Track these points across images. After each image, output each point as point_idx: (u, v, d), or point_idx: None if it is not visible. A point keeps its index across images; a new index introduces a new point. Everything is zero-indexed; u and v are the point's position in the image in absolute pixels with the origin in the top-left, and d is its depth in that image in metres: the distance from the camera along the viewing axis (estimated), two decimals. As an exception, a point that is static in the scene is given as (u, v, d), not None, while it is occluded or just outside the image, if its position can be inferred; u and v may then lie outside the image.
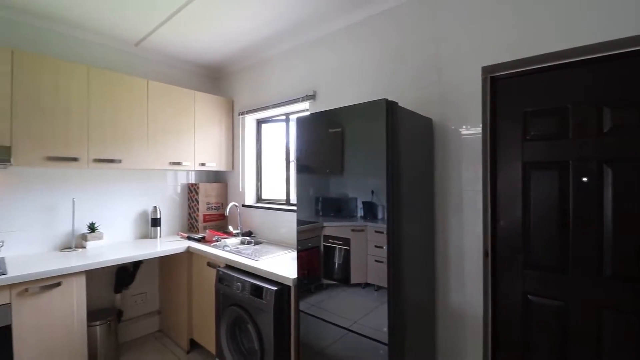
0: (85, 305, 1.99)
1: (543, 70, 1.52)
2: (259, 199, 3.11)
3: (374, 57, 2.06)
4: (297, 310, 1.72)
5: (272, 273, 1.83)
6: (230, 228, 2.89)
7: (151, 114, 2.53)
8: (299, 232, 1.72)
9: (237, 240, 2.68)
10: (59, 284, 1.88)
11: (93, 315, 2.34)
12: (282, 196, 2.84)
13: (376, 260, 1.44)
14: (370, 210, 1.45)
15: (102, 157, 2.27)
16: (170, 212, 3.00)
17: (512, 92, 1.61)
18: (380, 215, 1.41)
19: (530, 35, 1.47)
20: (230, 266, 2.12)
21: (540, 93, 1.53)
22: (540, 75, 1.54)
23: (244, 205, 3.00)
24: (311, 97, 2.39)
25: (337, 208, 1.56)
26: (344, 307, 1.54)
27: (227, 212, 2.77)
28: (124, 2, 2.04)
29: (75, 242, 2.40)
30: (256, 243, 2.65)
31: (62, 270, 1.88)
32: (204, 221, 3.02)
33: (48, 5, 2.07)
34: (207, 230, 2.80)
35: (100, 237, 2.47)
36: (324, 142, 1.62)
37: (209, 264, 2.31)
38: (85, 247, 2.38)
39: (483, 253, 1.63)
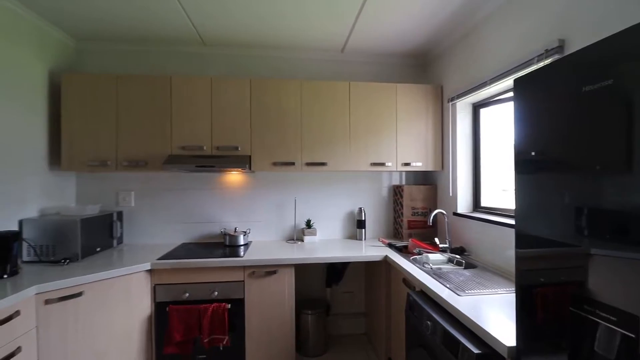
0: (294, 293, 2.19)
1: None
2: (476, 206, 2.41)
3: None
4: (517, 401, 1.04)
5: (475, 324, 1.23)
6: (437, 240, 2.40)
7: (352, 115, 2.51)
8: (519, 263, 1.04)
9: (443, 257, 2.15)
10: (275, 272, 2.16)
11: (307, 303, 2.59)
12: (512, 205, 2.03)
13: None
14: None
15: (311, 161, 2.46)
16: (375, 215, 2.90)
17: None
18: None
19: None
20: (425, 293, 1.68)
21: None
22: None
23: (454, 214, 2.41)
24: (555, 50, 1.50)
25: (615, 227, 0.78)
26: None
27: (430, 221, 2.31)
28: (311, 12, 2.10)
29: (296, 235, 2.75)
30: (467, 266, 2.01)
31: (277, 261, 2.15)
32: (408, 227, 2.69)
33: (273, 36, 2.45)
34: (410, 239, 2.45)
35: (314, 233, 2.71)
36: (586, 111, 0.86)
37: (404, 282, 1.96)
38: (303, 241, 2.67)
39: None
